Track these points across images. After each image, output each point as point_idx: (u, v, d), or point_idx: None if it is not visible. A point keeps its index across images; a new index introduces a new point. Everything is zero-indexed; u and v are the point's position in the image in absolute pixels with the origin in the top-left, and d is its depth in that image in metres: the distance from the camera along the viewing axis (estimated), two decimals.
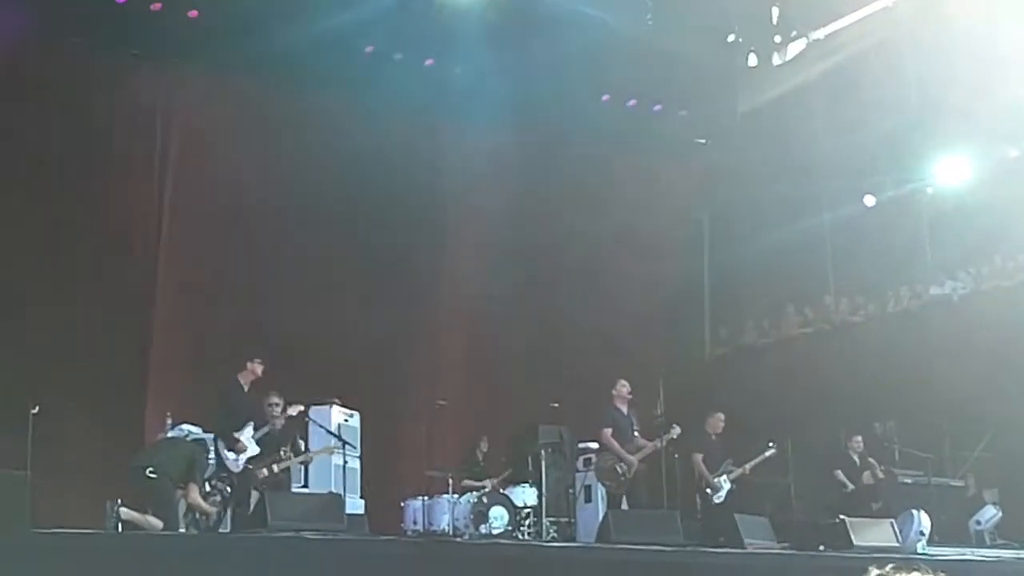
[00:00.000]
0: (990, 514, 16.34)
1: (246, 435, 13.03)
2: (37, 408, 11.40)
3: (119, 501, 11.70)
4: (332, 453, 14.17)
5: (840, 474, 15.99)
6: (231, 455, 12.98)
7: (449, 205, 18.73)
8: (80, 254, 15.80)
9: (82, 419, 14.23)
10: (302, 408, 13.50)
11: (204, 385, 14.19)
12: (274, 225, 17.18)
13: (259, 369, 13.41)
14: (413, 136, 18.04)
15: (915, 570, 2.26)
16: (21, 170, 15.35)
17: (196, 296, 16.61)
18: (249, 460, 13.33)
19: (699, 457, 15.38)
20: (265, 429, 13.25)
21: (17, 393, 11.97)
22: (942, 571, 2.28)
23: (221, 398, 13.51)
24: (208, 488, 12.84)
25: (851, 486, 15.94)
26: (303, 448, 14.05)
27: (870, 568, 2.27)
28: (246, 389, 13.39)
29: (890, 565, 2.27)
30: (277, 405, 13.69)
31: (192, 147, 16.91)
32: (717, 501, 15.14)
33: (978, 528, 16.26)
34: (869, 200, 19.10)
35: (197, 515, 12.66)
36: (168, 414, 13.31)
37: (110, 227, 16.16)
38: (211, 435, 13.14)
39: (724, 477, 15.24)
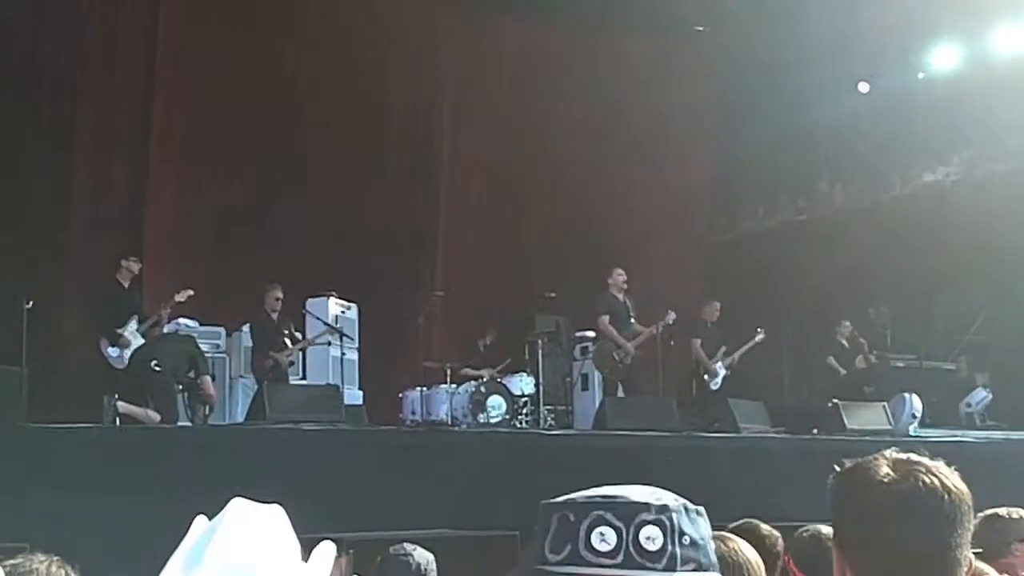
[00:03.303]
0: (980, 396, 16.51)
1: (130, 329, 12.97)
2: (31, 303, 11.41)
3: (116, 395, 11.80)
4: (328, 343, 14.26)
5: (832, 360, 16.15)
6: (114, 351, 12.94)
7: (453, 93, 18.57)
8: (74, 149, 15.75)
9: (78, 313, 14.27)
10: (191, 292, 13.40)
11: (200, 278, 14.17)
12: (270, 116, 17.05)
13: (135, 267, 13.37)
14: (415, 22, 17.85)
15: (911, 451, 2.27)
16: (15, 69, 15.26)
17: (191, 190, 16.56)
18: (252, 349, 13.52)
19: (697, 343, 15.52)
20: (150, 322, 13.19)
21: (12, 288, 11.96)
22: (938, 455, 2.30)
23: (101, 298, 13.50)
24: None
25: (842, 371, 16.10)
26: (299, 338, 14.16)
27: (871, 455, 2.28)
28: (126, 286, 13.33)
29: (892, 449, 2.29)
30: (279, 300, 13.84)
31: (186, 36, 16.74)
32: (714, 387, 15.30)
33: (968, 410, 16.43)
34: (863, 87, 18.99)
35: (206, 409, 12.77)
36: (163, 307, 13.30)
37: (102, 122, 16.08)
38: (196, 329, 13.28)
39: (720, 364, 15.39)
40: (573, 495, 1.74)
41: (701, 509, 1.72)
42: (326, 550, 1.62)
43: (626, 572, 1.64)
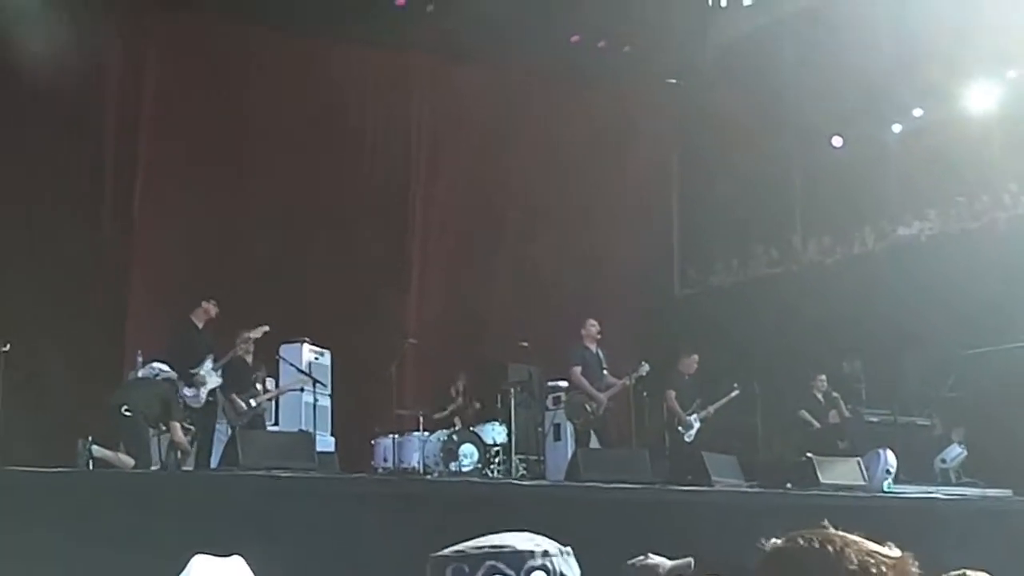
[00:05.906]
0: (955, 453, 16.47)
1: (206, 368, 13.14)
2: (8, 346, 11.39)
3: (91, 439, 11.75)
4: (301, 389, 14.27)
5: (806, 413, 16.16)
6: (190, 391, 13.09)
7: (424, 144, 18.72)
8: (57, 189, 15.79)
9: (56, 357, 14.21)
10: (266, 329, 13.52)
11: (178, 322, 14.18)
12: (247, 165, 17.15)
13: (213, 311, 13.55)
14: (386, 74, 18.07)
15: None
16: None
17: (172, 234, 16.59)
18: (222, 391, 13.51)
19: (672, 394, 15.43)
20: (226, 359, 13.34)
21: None
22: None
23: (175, 337, 13.61)
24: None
25: (816, 424, 16.10)
26: (272, 385, 14.18)
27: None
28: (201, 327, 13.48)
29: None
30: (249, 340, 13.86)
31: (163, 92, 16.88)
32: (688, 440, 15.25)
33: (943, 466, 16.39)
34: (837, 141, 19.15)
35: (178, 454, 12.73)
36: (139, 351, 13.31)
37: (87, 166, 16.16)
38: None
39: (695, 416, 15.34)
40: (461, 546, 1.86)
41: (569, 550, 1.90)
42: None
43: None
